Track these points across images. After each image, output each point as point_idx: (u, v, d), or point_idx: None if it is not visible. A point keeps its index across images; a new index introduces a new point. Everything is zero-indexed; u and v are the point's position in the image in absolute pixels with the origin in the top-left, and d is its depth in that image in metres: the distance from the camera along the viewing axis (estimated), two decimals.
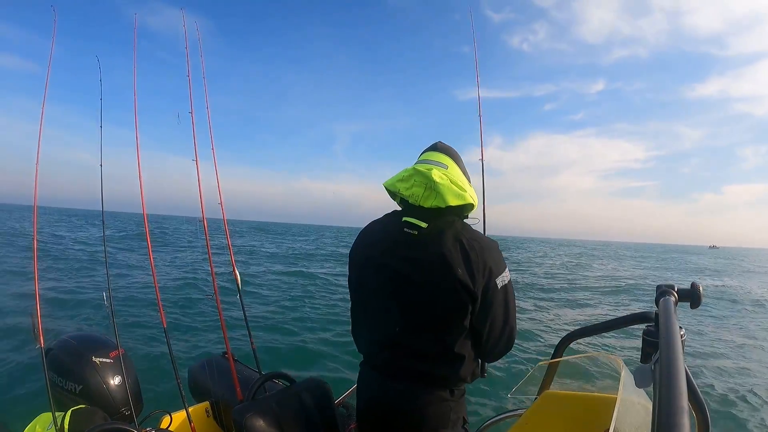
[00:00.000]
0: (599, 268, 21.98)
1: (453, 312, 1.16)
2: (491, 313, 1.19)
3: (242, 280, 2.48)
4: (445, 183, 1.21)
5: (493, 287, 1.17)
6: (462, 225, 1.25)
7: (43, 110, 2.08)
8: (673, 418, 0.48)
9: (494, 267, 1.18)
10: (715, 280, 18.43)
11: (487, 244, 1.22)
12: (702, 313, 8.87)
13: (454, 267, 1.14)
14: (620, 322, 1.23)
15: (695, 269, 26.53)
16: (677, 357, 0.60)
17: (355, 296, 1.37)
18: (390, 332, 1.23)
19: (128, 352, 1.99)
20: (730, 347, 6.10)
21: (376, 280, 1.27)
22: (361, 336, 1.37)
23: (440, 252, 1.16)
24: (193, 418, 1.89)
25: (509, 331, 1.25)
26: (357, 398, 1.38)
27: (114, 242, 19.41)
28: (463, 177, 1.32)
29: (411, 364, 1.21)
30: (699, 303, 0.90)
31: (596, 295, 11.47)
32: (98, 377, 1.81)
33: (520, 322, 1.50)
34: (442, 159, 1.31)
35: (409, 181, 1.25)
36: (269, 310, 7.67)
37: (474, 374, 1.26)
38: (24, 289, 7.51)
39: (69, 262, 12.51)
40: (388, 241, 1.25)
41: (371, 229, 1.36)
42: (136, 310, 7.07)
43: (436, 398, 1.22)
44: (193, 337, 5.90)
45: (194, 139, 2.33)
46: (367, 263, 1.30)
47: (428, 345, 1.19)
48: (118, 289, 8.65)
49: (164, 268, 11.97)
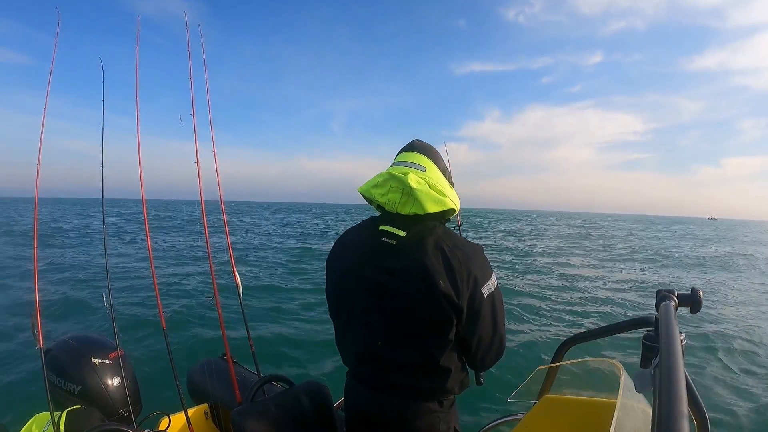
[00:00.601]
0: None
1: (437, 325, 1.11)
2: (479, 323, 1.13)
3: (243, 284, 2.48)
4: (423, 188, 1.13)
5: (479, 297, 1.11)
6: (443, 231, 1.18)
7: (46, 106, 2.07)
8: (672, 422, 0.48)
9: (479, 275, 1.11)
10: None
11: (471, 250, 1.15)
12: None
13: (436, 278, 1.07)
14: (620, 326, 1.23)
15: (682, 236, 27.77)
16: (677, 362, 0.60)
17: (335, 308, 1.31)
18: (372, 345, 1.17)
19: (127, 353, 1.99)
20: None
21: (355, 292, 1.20)
22: (344, 348, 1.31)
23: (421, 262, 1.09)
24: (192, 420, 1.88)
25: (499, 339, 1.20)
26: (345, 410, 1.35)
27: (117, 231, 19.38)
28: (443, 179, 1.23)
29: (395, 378, 1.16)
30: (699, 308, 0.90)
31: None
32: (97, 378, 1.81)
33: (518, 324, 1.50)
34: (420, 160, 1.22)
35: (385, 186, 1.17)
36: (269, 309, 7.66)
37: (463, 384, 1.21)
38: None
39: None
40: (365, 251, 1.18)
41: (348, 237, 1.29)
42: (135, 311, 7.06)
43: (424, 410, 1.17)
44: (192, 339, 5.89)
45: (195, 144, 2.33)
46: (344, 274, 1.23)
47: (412, 358, 1.14)
48: (118, 289, 8.65)
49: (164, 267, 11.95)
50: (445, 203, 1.14)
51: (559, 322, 7.01)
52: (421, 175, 1.17)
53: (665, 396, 0.52)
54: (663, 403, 0.51)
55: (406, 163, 1.21)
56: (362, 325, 1.20)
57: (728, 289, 10.66)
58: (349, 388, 1.32)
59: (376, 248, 1.16)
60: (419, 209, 1.12)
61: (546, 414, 1.40)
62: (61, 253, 13.28)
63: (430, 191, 1.13)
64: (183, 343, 5.63)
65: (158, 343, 5.23)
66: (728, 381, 4.64)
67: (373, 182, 1.22)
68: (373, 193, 1.20)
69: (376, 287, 1.15)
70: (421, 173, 1.17)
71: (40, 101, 2.08)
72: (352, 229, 1.31)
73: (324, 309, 6.50)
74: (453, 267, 1.09)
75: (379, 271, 1.15)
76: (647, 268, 14.16)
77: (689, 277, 12.72)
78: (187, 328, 6.34)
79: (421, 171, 1.18)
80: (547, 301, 8.40)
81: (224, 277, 2.79)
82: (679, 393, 0.52)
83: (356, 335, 1.23)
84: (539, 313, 7.46)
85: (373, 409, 1.21)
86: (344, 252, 1.27)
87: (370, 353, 1.19)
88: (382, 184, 1.18)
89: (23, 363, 4.67)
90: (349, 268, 1.22)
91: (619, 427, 0.77)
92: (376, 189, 1.19)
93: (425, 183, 1.15)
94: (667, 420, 0.48)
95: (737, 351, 5.59)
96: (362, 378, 1.26)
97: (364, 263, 1.18)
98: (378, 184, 1.19)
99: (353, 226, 1.31)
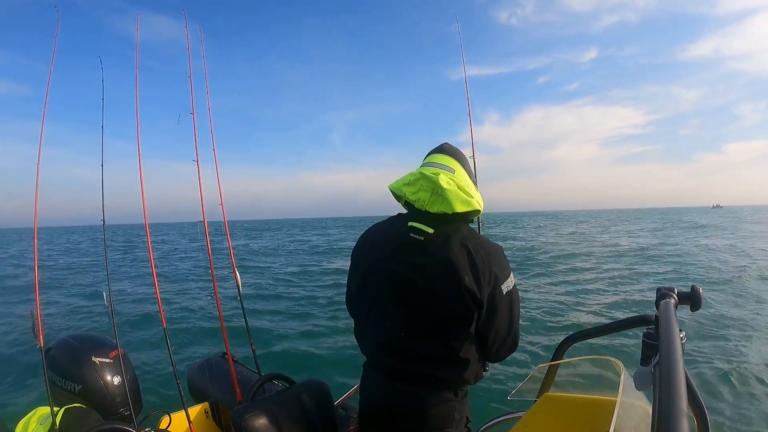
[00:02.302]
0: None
1: (459, 319, 1.16)
2: (496, 319, 1.18)
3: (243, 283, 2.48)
4: (453, 189, 1.20)
5: (498, 294, 1.17)
6: (468, 230, 1.23)
7: (43, 121, 2.07)
8: (672, 420, 0.48)
9: (500, 273, 1.17)
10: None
11: (493, 250, 1.20)
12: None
13: (461, 274, 1.13)
14: (620, 324, 1.23)
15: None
16: (677, 360, 0.60)
17: (358, 299, 1.35)
18: (394, 337, 1.22)
19: (128, 352, 1.99)
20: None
21: (380, 285, 1.25)
22: (364, 338, 1.35)
23: (447, 258, 1.15)
24: (192, 419, 1.89)
25: (513, 335, 1.25)
26: (360, 399, 1.38)
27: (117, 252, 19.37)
28: (470, 181, 1.30)
29: (415, 368, 1.21)
30: (699, 306, 0.90)
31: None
32: (97, 377, 1.81)
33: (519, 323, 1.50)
34: (449, 162, 1.29)
35: (416, 185, 1.23)
36: (269, 309, 7.67)
37: (478, 376, 1.26)
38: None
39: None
40: (393, 246, 1.24)
41: (375, 232, 1.34)
42: (136, 310, 7.07)
43: (440, 399, 1.21)
44: (192, 338, 5.90)
45: (195, 140, 2.34)
46: (371, 267, 1.28)
47: (433, 350, 1.19)
48: (118, 290, 8.66)
49: (165, 269, 11.98)
50: (472, 204, 1.21)
51: (559, 320, 7.02)
52: (451, 177, 1.23)
53: (665, 394, 0.52)
54: (663, 401, 0.51)
55: (436, 164, 1.28)
56: (385, 317, 1.24)
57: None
58: (367, 378, 1.35)
59: (403, 243, 1.22)
60: (448, 208, 1.19)
61: (546, 412, 1.40)
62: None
63: (458, 192, 1.20)
64: (183, 342, 5.65)
65: (159, 342, 5.24)
66: (728, 380, 4.65)
67: (404, 180, 1.28)
68: (404, 190, 1.26)
69: (402, 281, 1.20)
70: (450, 175, 1.24)
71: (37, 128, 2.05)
72: (379, 224, 1.36)
73: (324, 309, 6.50)
74: (477, 264, 1.14)
75: (406, 266, 1.20)
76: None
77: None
78: (187, 326, 6.36)
79: (450, 173, 1.25)
80: (548, 300, 8.41)
81: (224, 278, 2.79)
82: (679, 391, 0.52)
83: (378, 326, 1.27)
84: (539, 311, 7.47)
85: (391, 398, 1.25)
86: (371, 246, 1.31)
87: (392, 344, 1.23)
88: (413, 183, 1.24)
89: (23, 362, 4.68)
90: (376, 262, 1.26)
91: (619, 425, 0.77)
92: (408, 187, 1.25)
93: (455, 184, 1.22)
94: (667, 418, 0.48)
95: (738, 350, 5.60)
96: (382, 368, 1.29)
97: (391, 258, 1.23)
98: (410, 182, 1.25)
99: (380, 222, 1.36)
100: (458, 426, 1.24)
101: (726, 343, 5.69)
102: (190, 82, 2.41)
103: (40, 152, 1.97)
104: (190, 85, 2.41)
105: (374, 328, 1.30)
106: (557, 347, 1.39)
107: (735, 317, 6.73)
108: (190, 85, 2.41)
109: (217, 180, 2.50)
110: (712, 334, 6.04)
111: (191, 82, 2.41)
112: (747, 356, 5.24)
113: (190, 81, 2.42)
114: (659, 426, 0.48)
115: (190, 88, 2.41)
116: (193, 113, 2.37)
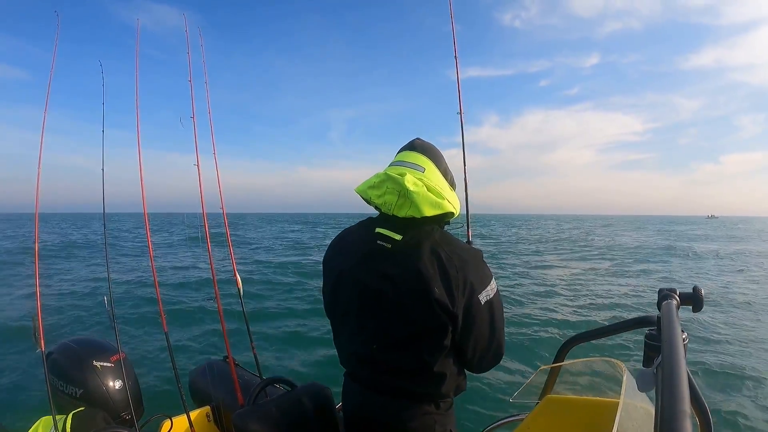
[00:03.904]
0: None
1: (431, 331, 1.08)
2: (474, 330, 1.10)
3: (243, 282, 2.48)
4: (420, 191, 1.09)
5: (476, 304, 1.08)
6: (441, 235, 1.13)
7: (46, 113, 2.08)
8: (675, 422, 0.47)
9: (476, 282, 1.08)
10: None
11: (469, 256, 1.11)
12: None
13: (431, 285, 1.04)
14: (622, 326, 1.23)
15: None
16: (679, 361, 0.60)
17: (331, 309, 1.29)
18: (367, 349, 1.16)
19: (129, 356, 1.99)
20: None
21: (349, 296, 1.18)
22: (340, 348, 1.29)
23: (416, 268, 1.06)
24: (194, 423, 1.88)
25: (496, 346, 1.17)
26: (343, 409, 1.34)
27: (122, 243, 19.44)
28: (443, 181, 1.19)
29: (390, 381, 1.15)
30: (701, 306, 0.90)
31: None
32: (99, 381, 1.81)
33: (520, 325, 1.49)
34: (419, 160, 1.17)
35: (381, 188, 1.13)
36: (270, 310, 7.65)
37: (459, 388, 1.20)
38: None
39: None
40: (360, 254, 1.15)
41: (343, 238, 1.26)
42: (137, 313, 7.07)
43: (419, 411, 1.15)
44: (194, 341, 5.89)
45: (195, 146, 2.34)
46: (340, 277, 1.20)
47: (406, 363, 1.12)
48: (119, 292, 8.66)
49: (165, 272, 11.97)
50: (443, 206, 1.11)
51: (561, 321, 7.00)
52: (419, 176, 1.13)
53: (668, 395, 0.52)
54: (665, 402, 0.51)
55: (404, 162, 1.17)
56: (358, 328, 1.18)
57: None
58: (346, 388, 1.31)
59: (371, 251, 1.13)
60: (416, 212, 1.09)
61: (548, 414, 1.39)
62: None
63: (427, 194, 1.10)
64: (184, 346, 5.64)
65: (160, 346, 5.24)
66: (731, 380, 4.64)
67: (369, 183, 1.18)
68: (369, 194, 1.16)
69: (370, 292, 1.13)
70: (419, 174, 1.14)
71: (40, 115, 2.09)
72: (349, 229, 1.28)
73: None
74: (449, 274, 1.06)
75: (374, 276, 1.12)
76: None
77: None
78: (188, 330, 6.35)
79: (419, 172, 1.15)
80: (549, 302, 8.39)
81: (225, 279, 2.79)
82: (681, 392, 0.51)
83: (352, 337, 1.21)
84: (541, 313, 7.46)
85: (370, 410, 1.20)
86: (340, 253, 1.24)
87: (365, 356, 1.17)
88: (378, 185, 1.14)
89: (24, 367, 4.67)
90: (344, 271, 1.19)
91: (622, 426, 0.77)
92: (373, 190, 1.15)
93: (423, 185, 1.11)
94: (670, 419, 0.48)
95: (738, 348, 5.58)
96: (359, 379, 1.25)
97: (359, 266, 1.15)
98: (374, 185, 1.15)
99: (351, 226, 1.28)
100: None
101: (728, 346, 5.68)
102: (191, 85, 2.42)
103: (41, 151, 1.98)
104: (190, 91, 2.42)
105: (349, 339, 1.23)
106: (559, 349, 1.39)
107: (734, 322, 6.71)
108: (190, 91, 2.42)
109: (219, 187, 2.51)
110: (714, 337, 6.03)
111: (191, 85, 2.42)
112: (750, 358, 5.22)
113: (191, 84, 2.42)
114: (662, 427, 0.48)
115: (191, 92, 2.42)
116: (193, 117, 2.38)
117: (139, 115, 2.17)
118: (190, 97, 2.41)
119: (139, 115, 2.17)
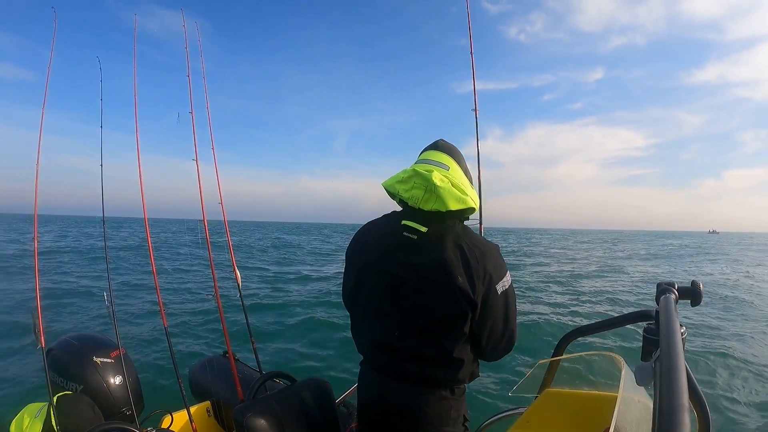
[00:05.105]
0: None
1: (452, 319, 1.15)
2: (491, 318, 1.17)
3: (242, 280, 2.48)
4: (446, 186, 1.17)
5: (493, 294, 1.15)
6: (462, 229, 1.22)
7: (44, 112, 2.07)
8: (673, 415, 0.48)
9: (494, 273, 1.16)
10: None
11: (488, 249, 1.19)
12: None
13: (454, 274, 1.11)
14: (621, 320, 1.23)
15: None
16: (678, 355, 0.60)
17: (353, 298, 1.34)
18: (388, 336, 1.21)
19: (129, 352, 1.99)
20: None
21: (374, 284, 1.24)
22: (360, 336, 1.35)
23: (440, 258, 1.13)
24: (194, 418, 1.89)
25: (509, 335, 1.23)
26: (357, 397, 1.38)
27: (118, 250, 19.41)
28: (465, 179, 1.28)
29: (409, 368, 1.20)
30: (699, 301, 0.90)
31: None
32: (99, 377, 1.81)
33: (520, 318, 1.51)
34: (444, 159, 1.27)
35: (409, 182, 1.21)
36: (270, 307, 7.67)
37: (473, 375, 1.25)
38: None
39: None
40: (386, 245, 1.22)
41: (369, 230, 1.33)
42: (136, 309, 7.08)
43: (435, 397, 1.21)
44: (193, 337, 5.90)
45: (194, 139, 2.34)
46: (365, 266, 1.27)
47: (427, 349, 1.18)
48: (119, 289, 8.66)
49: (166, 272, 11.98)
50: (467, 201, 1.18)
51: (560, 315, 7.03)
52: (445, 174, 1.21)
53: (666, 389, 0.52)
54: (664, 396, 0.51)
55: (430, 161, 1.26)
56: (380, 316, 1.23)
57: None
58: (363, 375, 1.35)
59: (397, 242, 1.20)
60: (441, 206, 1.16)
61: (547, 408, 1.40)
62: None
63: (452, 189, 1.17)
64: (185, 341, 5.65)
65: (160, 342, 5.25)
66: (730, 375, 4.66)
67: (398, 177, 1.25)
68: (397, 188, 1.23)
69: (395, 281, 1.19)
70: (444, 171, 1.22)
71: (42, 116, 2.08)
72: (373, 222, 1.34)
73: (325, 307, 6.49)
74: (470, 264, 1.13)
75: (399, 266, 1.18)
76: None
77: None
78: (188, 325, 6.36)
79: (444, 170, 1.23)
80: (549, 296, 8.42)
81: (224, 278, 2.79)
82: (679, 386, 0.52)
83: (373, 325, 1.27)
84: (541, 307, 7.48)
85: (387, 397, 1.24)
86: (365, 245, 1.30)
87: (386, 344, 1.22)
88: (406, 180, 1.22)
89: (24, 363, 4.68)
90: (370, 261, 1.25)
91: (621, 420, 0.77)
92: (401, 184, 1.23)
93: (448, 181, 1.19)
94: (668, 413, 0.48)
95: (739, 348, 5.61)
96: (377, 366, 1.29)
97: (384, 257, 1.21)
98: (403, 180, 1.23)
99: (375, 219, 1.34)
100: (455, 424, 1.23)
101: (725, 341, 5.71)
102: (189, 80, 2.41)
103: (39, 152, 1.98)
104: (188, 84, 2.41)
105: (369, 327, 1.29)
106: (558, 343, 1.39)
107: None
108: (188, 84, 2.41)
109: (217, 178, 2.50)
110: (714, 331, 6.05)
111: (189, 80, 2.41)
112: (747, 351, 5.25)
113: (189, 79, 2.41)
114: (660, 421, 0.48)
115: (189, 87, 2.41)
116: (191, 112, 2.37)
117: (138, 115, 2.16)
118: (188, 95, 2.40)
119: (136, 114, 2.16)
